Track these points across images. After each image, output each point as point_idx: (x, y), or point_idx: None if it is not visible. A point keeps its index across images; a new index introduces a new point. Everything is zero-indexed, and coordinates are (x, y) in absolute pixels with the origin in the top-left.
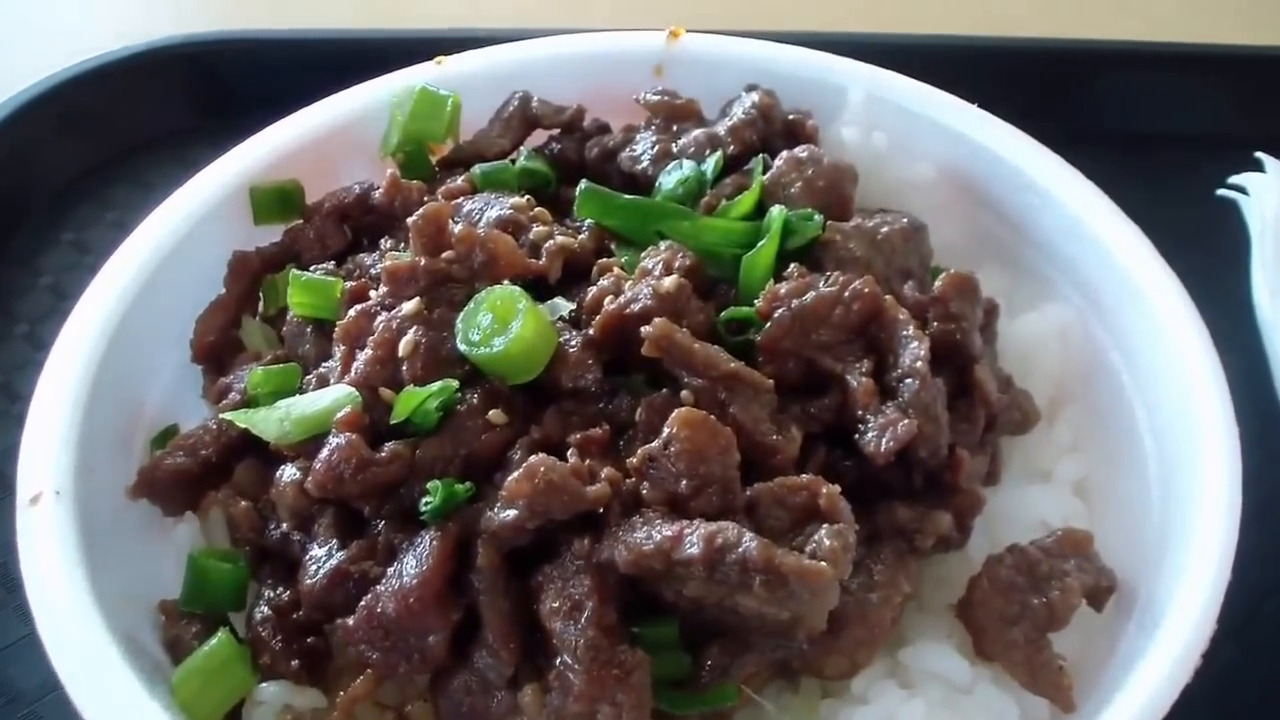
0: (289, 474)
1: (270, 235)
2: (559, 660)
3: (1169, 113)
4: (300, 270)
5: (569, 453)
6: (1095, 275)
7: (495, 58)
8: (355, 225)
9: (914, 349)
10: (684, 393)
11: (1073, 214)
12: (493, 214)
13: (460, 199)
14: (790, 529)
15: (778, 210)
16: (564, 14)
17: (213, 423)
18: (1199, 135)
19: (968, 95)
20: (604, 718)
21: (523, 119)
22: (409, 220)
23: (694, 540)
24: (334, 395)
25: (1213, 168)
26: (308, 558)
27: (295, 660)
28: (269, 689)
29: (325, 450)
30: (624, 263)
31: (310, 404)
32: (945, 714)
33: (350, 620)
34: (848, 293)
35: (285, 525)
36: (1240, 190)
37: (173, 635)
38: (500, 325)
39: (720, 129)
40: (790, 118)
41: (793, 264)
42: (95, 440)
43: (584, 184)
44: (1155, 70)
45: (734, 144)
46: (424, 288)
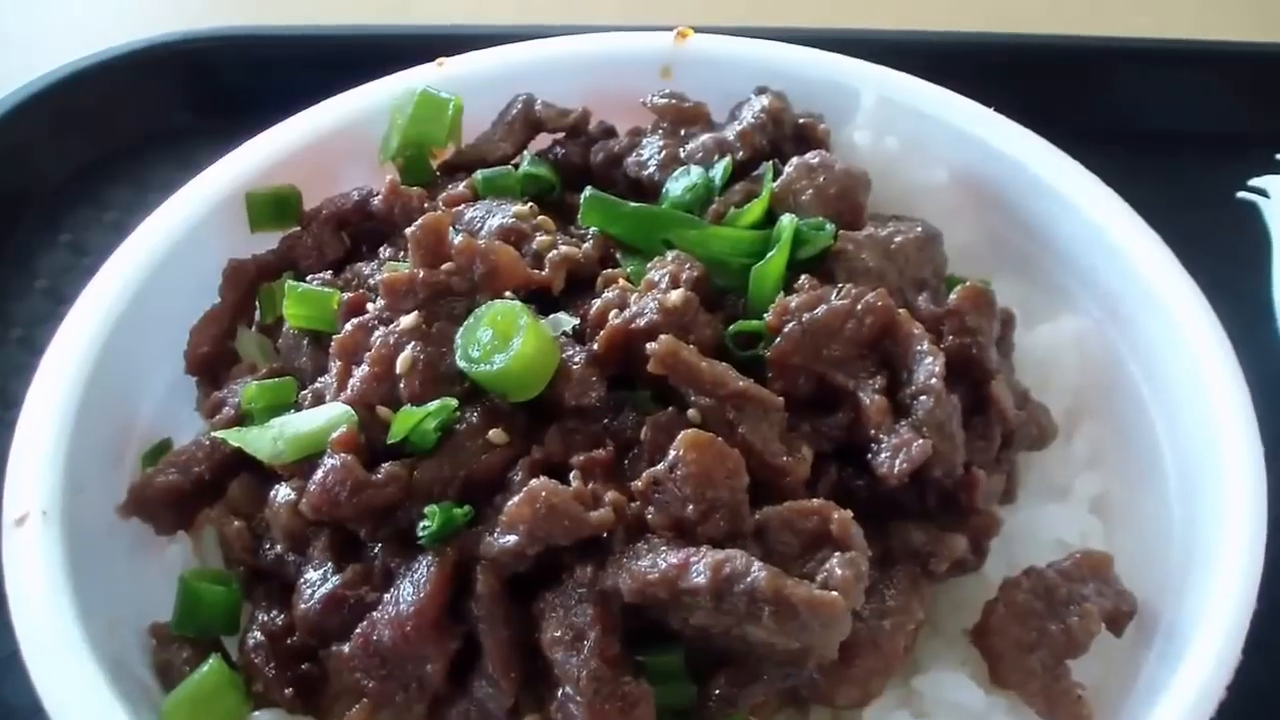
0: (283, 494)
1: (267, 243)
2: (561, 691)
3: (1185, 112)
4: (298, 279)
5: (571, 475)
6: (1115, 285)
7: (498, 59)
8: (354, 232)
9: (928, 365)
10: (690, 411)
11: (1092, 222)
12: (495, 222)
13: (461, 206)
14: (800, 554)
15: (788, 219)
16: (569, 10)
17: (206, 439)
18: (1217, 135)
19: (978, 93)
20: None
21: (526, 122)
22: (407, 231)
23: (700, 569)
24: (329, 414)
25: (1231, 169)
26: (302, 581)
27: (289, 688)
28: (262, 718)
29: (320, 472)
30: (629, 273)
31: (305, 423)
32: None
33: (345, 647)
34: (860, 306)
35: (280, 547)
36: (1261, 193)
37: (163, 660)
38: (501, 341)
39: (729, 134)
40: (801, 121)
41: (803, 275)
42: (85, 457)
43: (588, 191)
44: (1172, 68)
45: (743, 149)
46: (423, 301)
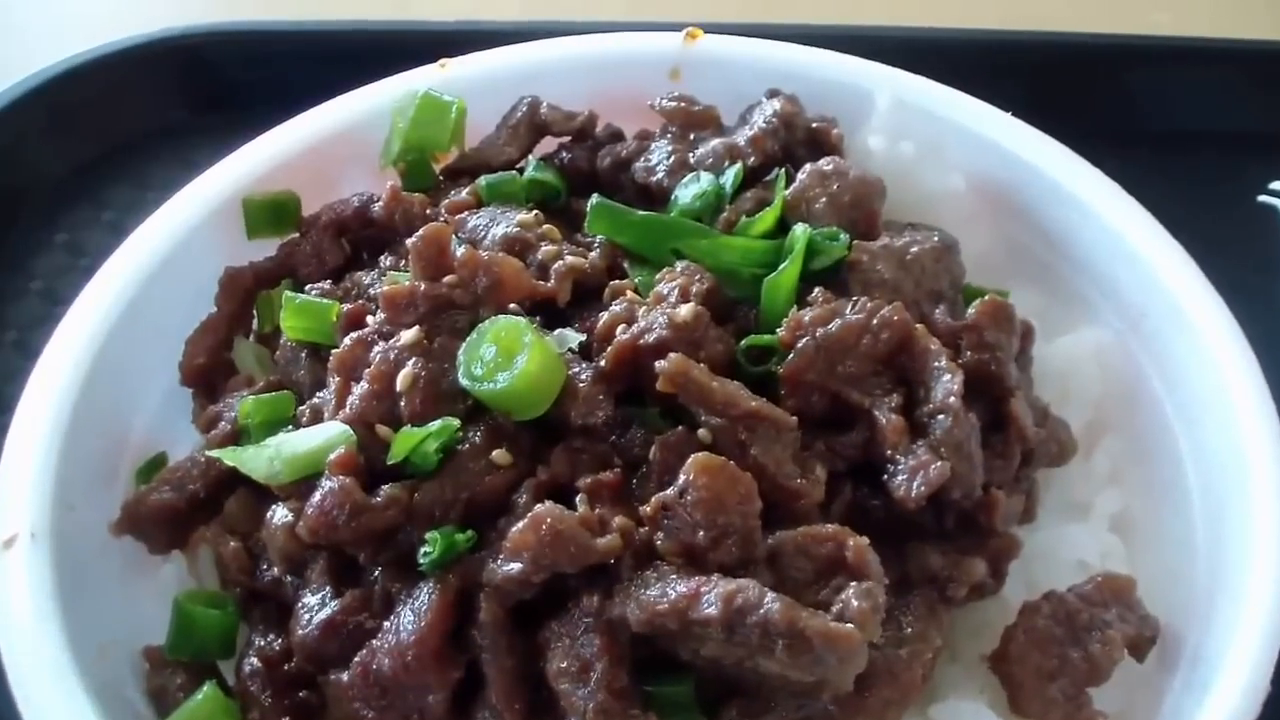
0: (280, 515)
1: (264, 250)
2: None
3: (1205, 112)
4: (296, 287)
5: (578, 498)
6: (1137, 297)
7: (502, 60)
8: (354, 239)
9: (946, 382)
10: (701, 431)
11: (1113, 230)
12: (499, 231)
13: (464, 214)
14: (815, 581)
15: (801, 230)
16: (575, 7)
17: (201, 455)
18: (1237, 135)
19: (992, 91)
20: None
21: (531, 126)
22: (409, 242)
23: (712, 599)
24: (327, 434)
25: (1253, 170)
26: (300, 606)
27: (286, 716)
28: None
29: (317, 495)
30: (638, 283)
31: (302, 443)
32: None
33: (344, 676)
34: (876, 320)
35: (276, 570)
36: None
37: (157, 685)
38: (505, 359)
39: (740, 139)
40: (814, 125)
41: (817, 288)
42: (76, 473)
43: (595, 199)
44: (1191, 67)
45: (754, 155)
46: (424, 314)
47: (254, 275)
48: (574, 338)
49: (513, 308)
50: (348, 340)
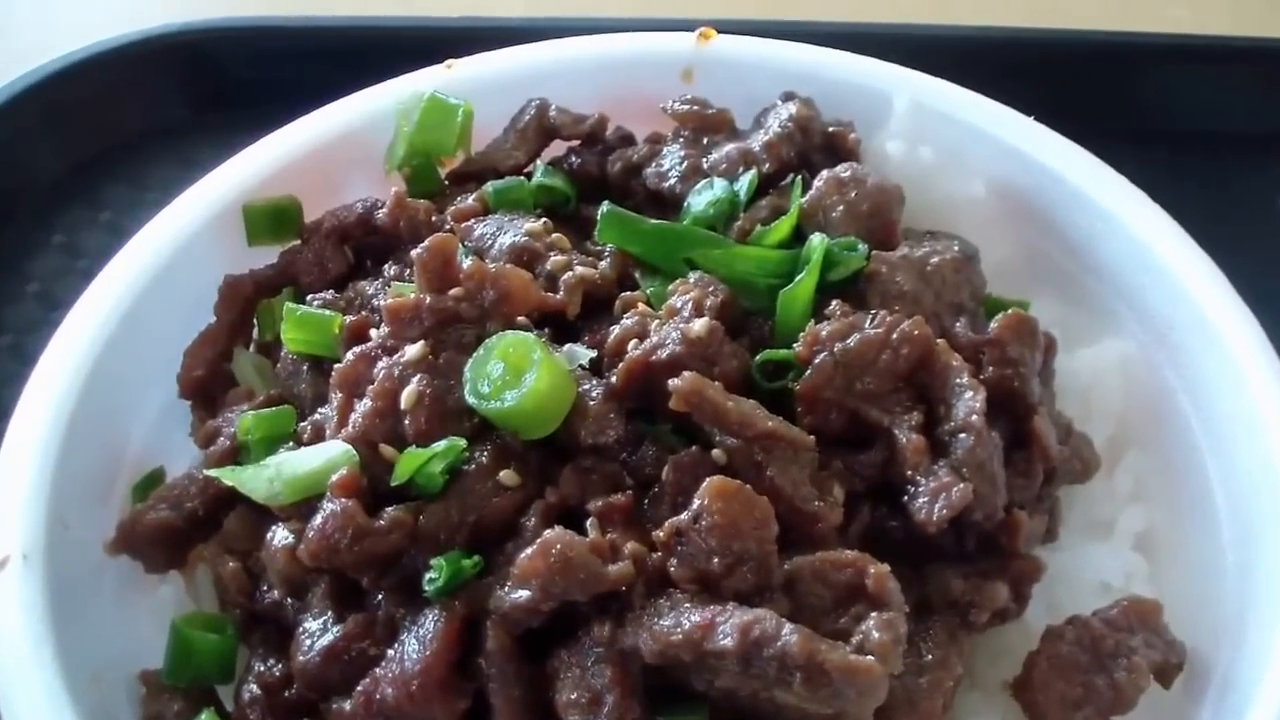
0: (280, 537)
1: (265, 257)
2: None
3: (1224, 111)
4: (298, 295)
5: (588, 522)
6: (1164, 309)
7: (510, 61)
8: (357, 247)
9: (968, 400)
10: (715, 451)
11: (1139, 239)
12: (506, 240)
13: (471, 221)
14: (833, 608)
15: (818, 240)
16: (587, 2)
17: (199, 472)
18: (1259, 136)
19: (1007, 90)
20: None
21: (540, 129)
22: (414, 253)
23: (727, 630)
24: (328, 454)
25: (1274, 171)
26: (301, 631)
27: None
28: None
29: (319, 518)
30: (650, 294)
31: (303, 463)
32: None
33: (347, 704)
34: (895, 335)
35: (277, 593)
36: None
37: (154, 711)
38: (513, 376)
39: (754, 144)
40: (830, 130)
41: (835, 301)
42: (71, 491)
43: (606, 207)
44: (1212, 65)
45: (769, 161)
46: (429, 328)
47: (254, 284)
48: (584, 354)
49: (521, 321)
50: (350, 355)
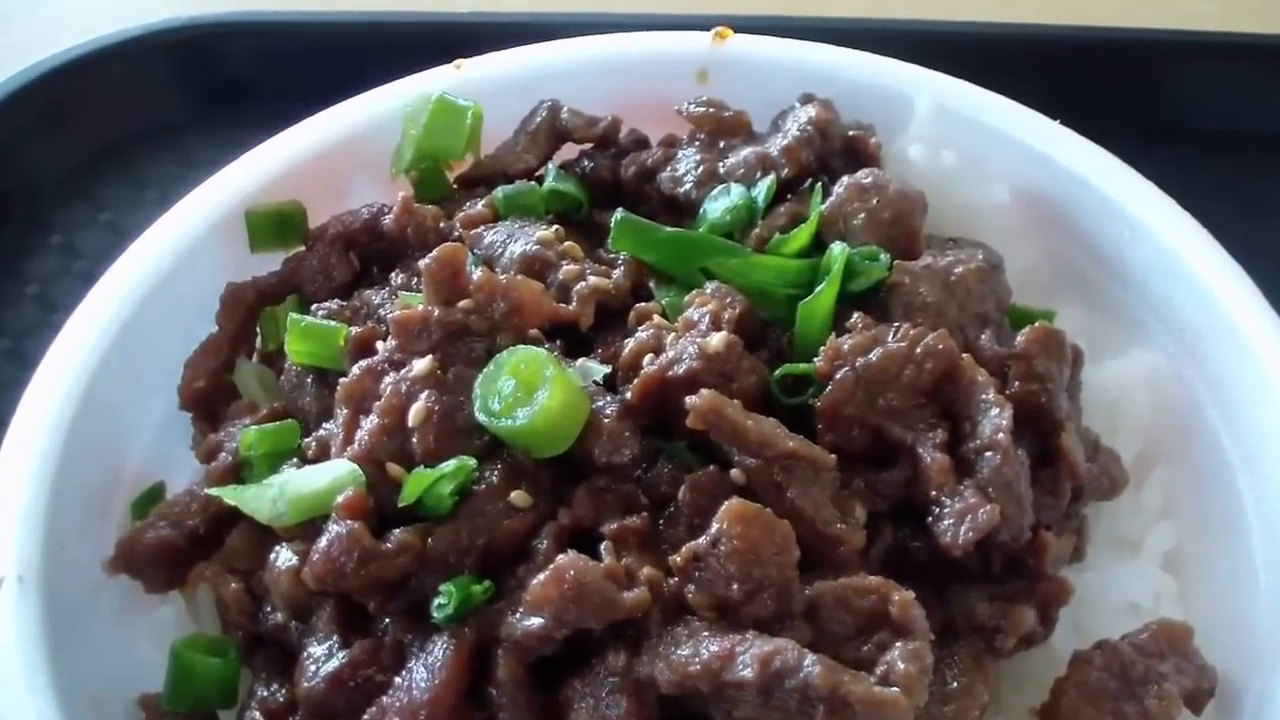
0: (284, 558)
1: (268, 264)
2: None
3: (1253, 109)
4: (302, 303)
5: (603, 546)
6: (1194, 320)
7: (520, 61)
8: (363, 253)
9: (994, 417)
10: (734, 471)
11: (1168, 248)
12: (517, 248)
13: (481, 228)
14: (855, 635)
15: (839, 249)
16: None
17: (200, 488)
18: None
19: (1028, 89)
20: None
21: (551, 132)
22: (421, 264)
23: (747, 660)
24: (334, 473)
25: None
26: (305, 656)
27: None
28: None
29: (324, 540)
30: (665, 305)
31: (307, 483)
32: None
33: None
34: (919, 349)
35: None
36: None
37: None
38: (525, 394)
39: (772, 148)
40: (850, 134)
41: (856, 314)
42: (68, 509)
43: (620, 214)
44: (1236, 63)
45: (788, 166)
46: (438, 342)
47: (257, 292)
48: (598, 370)
49: (532, 334)
50: (356, 370)
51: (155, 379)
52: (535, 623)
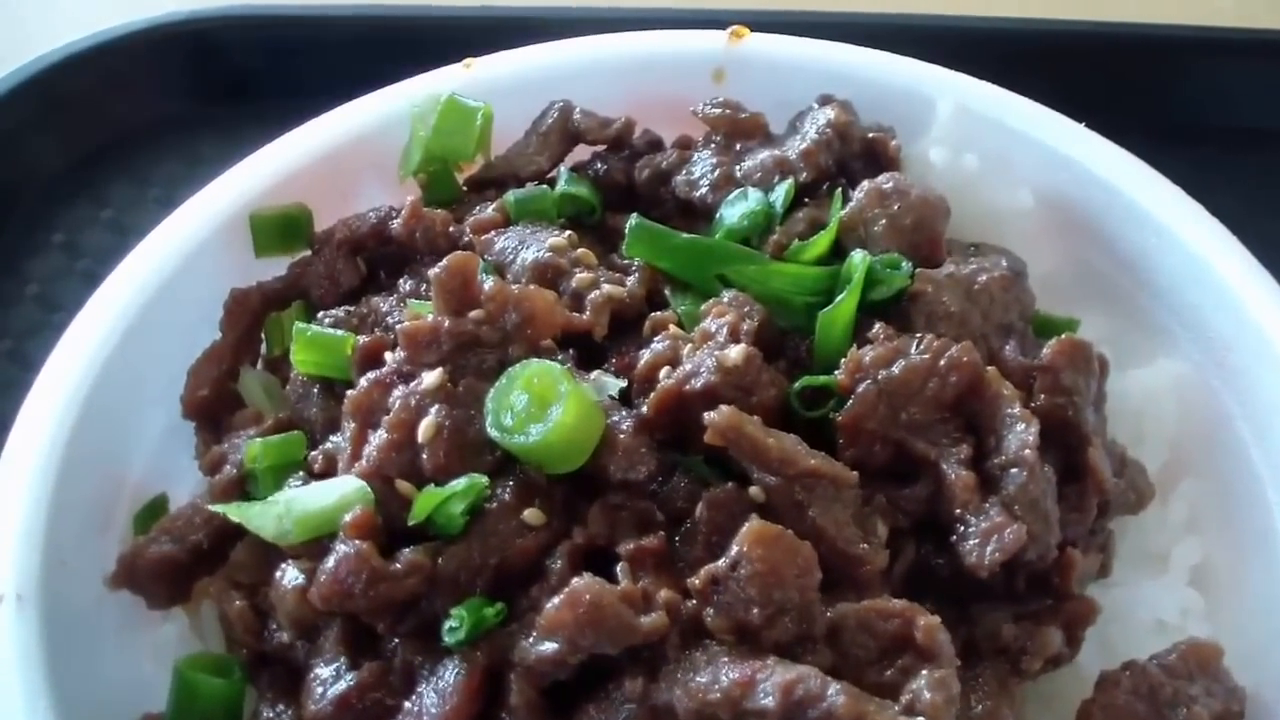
0: (290, 576)
1: (273, 269)
2: None
3: (1267, 105)
4: (308, 309)
5: (619, 568)
6: (1223, 330)
7: (531, 60)
8: (370, 258)
9: (1020, 433)
10: (753, 489)
11: (1197, 256)
12: (529, 255)
13: (491, 233)
14: (878, 659)
15: (860, 257)
16: None
17: (204, 501)
18: None
19: (1045, 86)
20: None
21: (563, 133)
22: (431, 273)
23: (768, 689)
24: (341, 490)
25: None
26: (312, 677)
27: None
28: None
29: (331, 560)
30: (681, 313)
31: (314, 500)
32: None
33: None
34: (943, 362)
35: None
36: None
37: None
38: (538, 409)
39: (790, 152)
40: (870, 136)
41: (878, 324)
42: (68, 524)
43: (635, 220)
44: (1252, 57)
45: (806, 170)
46: (448, 353)
47: (262, 297)
48: (614, 384)
49: (545, 344)
50: (364, 382)
51: (157, 387)
52: (549, 647)
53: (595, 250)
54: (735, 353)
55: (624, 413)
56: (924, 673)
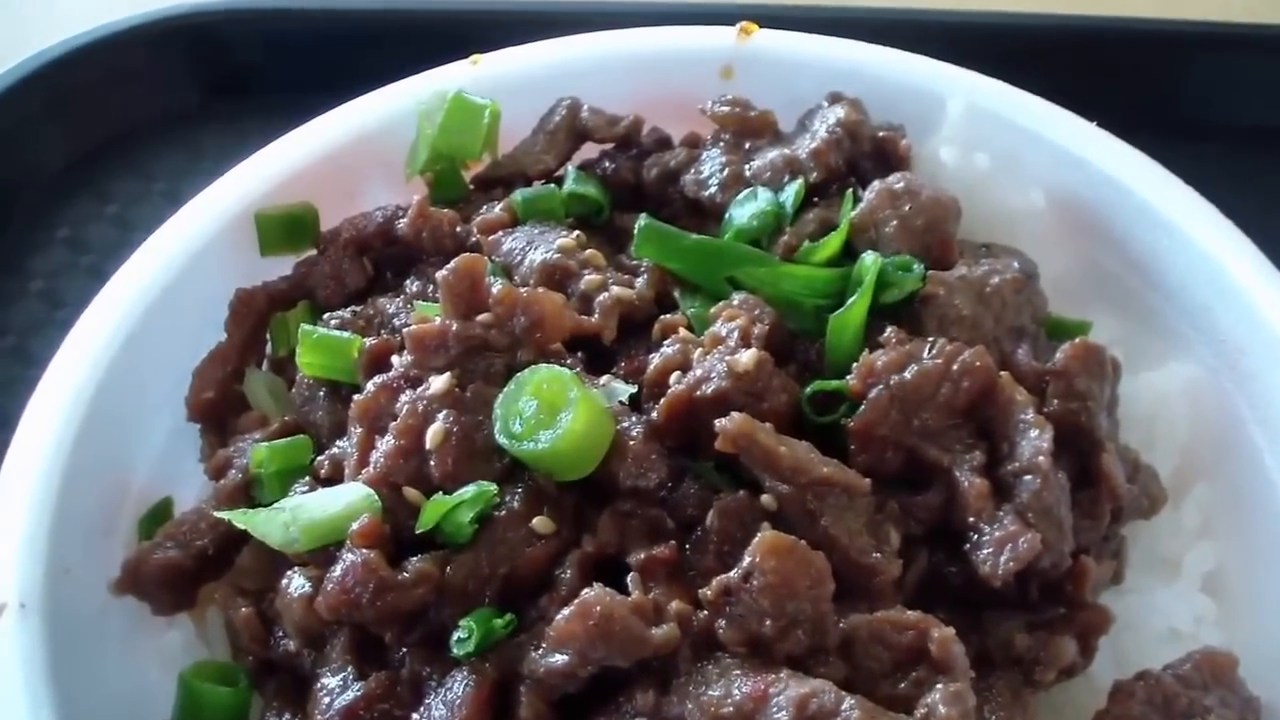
0: (297, 585)
1: (279, 268)
2: None
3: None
4: (314, 310)
5: (629, 578)
6: (1235, 332)
7: (538, 57)
8: (376, 258)
9: (1034, 439)
10: (765, 497)
11: (1211, 258)
12: (537, 256)
13: (499, 234)
14: (892, 671)
15: (871, 259)
16: None
17: (209, 506)
18: None
19: (1051, 82)
20: None
21: (571, 131)
22: (438, 275)
23: (782, 703)
24: (348, 498)
25: None
26: (319, 687)
27: None
28: None
29: (338, 569)
30: (691, 315)
31: (321, 507)
32: None
33: None
34: (956, 366)
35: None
36: None
37: None
38: (548, 415)
39: (800, 151)
40: (880, 135)
41: (890, 328)
42: (73, 530)
43: (644, 220)
44: (1258, 54)
45: (817, 169)
46: (456, 358)
47: (267, 297)
48: (624, 390)
49: (554, 348)
50: (371, 386)
51: (162, 389)
52: (560, 660)
53: (602, 250)
54: (747, 358)
55: (634, 419)
56: (939, 686)
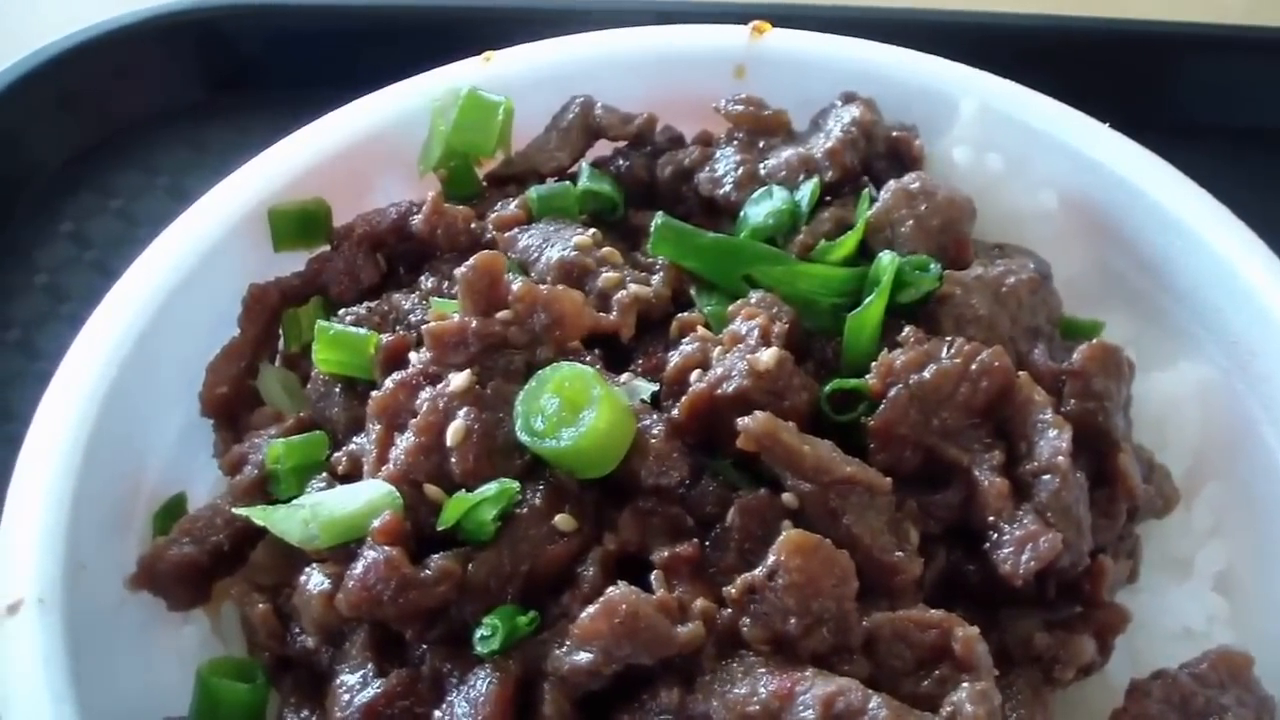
0: (316, 581)
1: (292, 264)
2: None
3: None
4: (327, 306)
5: (653, 576)
6: (1247, 334)
7: (551, 54)
8: (390, 254)
9: (1053, 439)
10: (786, 495)
11: (1223, 260)
12: (554, 254)
13: (514, 230)
14: (915, 669)
15: (888, 259)
16: None
17: (224, 501)
18: None
19: (1063, 83)
20: None
21: (584, 129)
22: (458, 273)
23: (808, 701)
24: (369, 495)
25: None
26: (338, 683)
27: None
28: None
29: (359, 565)
30: (708, 314)
31: (341, 504)
32: None
33: None
34: (974, 366)
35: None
36: None
37: None
38: (570, 413)
39: (815, 150)
40: (894, 135)
41: (908, 327)
42: (88, 525)
43: (660, 219)
44: (1264, 56)
45: (832, 169)
46: (475, 355)
47: (280, 293)
48: (646, 388)
49: (573, 345)
50: (389, 383)
51: (176, 385)
52: (584, 657)
53: (618, 248)
54: (767, 356)
55: (654, 416)
56: (965, 685)
